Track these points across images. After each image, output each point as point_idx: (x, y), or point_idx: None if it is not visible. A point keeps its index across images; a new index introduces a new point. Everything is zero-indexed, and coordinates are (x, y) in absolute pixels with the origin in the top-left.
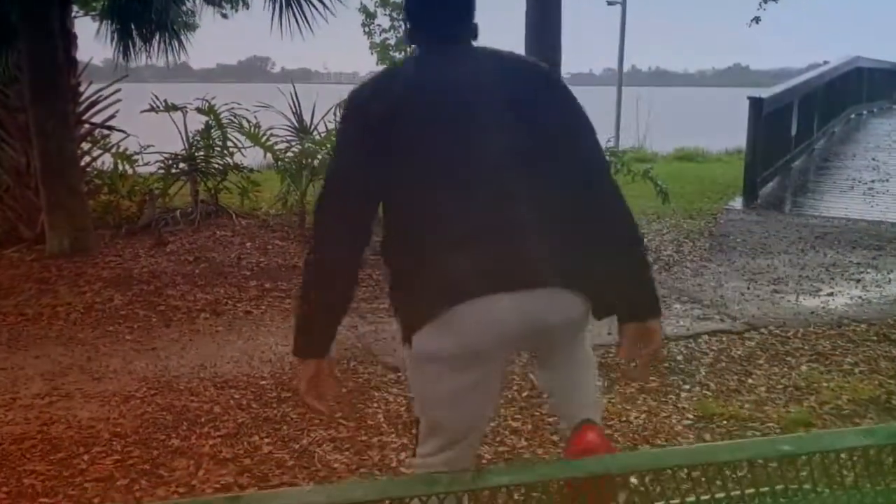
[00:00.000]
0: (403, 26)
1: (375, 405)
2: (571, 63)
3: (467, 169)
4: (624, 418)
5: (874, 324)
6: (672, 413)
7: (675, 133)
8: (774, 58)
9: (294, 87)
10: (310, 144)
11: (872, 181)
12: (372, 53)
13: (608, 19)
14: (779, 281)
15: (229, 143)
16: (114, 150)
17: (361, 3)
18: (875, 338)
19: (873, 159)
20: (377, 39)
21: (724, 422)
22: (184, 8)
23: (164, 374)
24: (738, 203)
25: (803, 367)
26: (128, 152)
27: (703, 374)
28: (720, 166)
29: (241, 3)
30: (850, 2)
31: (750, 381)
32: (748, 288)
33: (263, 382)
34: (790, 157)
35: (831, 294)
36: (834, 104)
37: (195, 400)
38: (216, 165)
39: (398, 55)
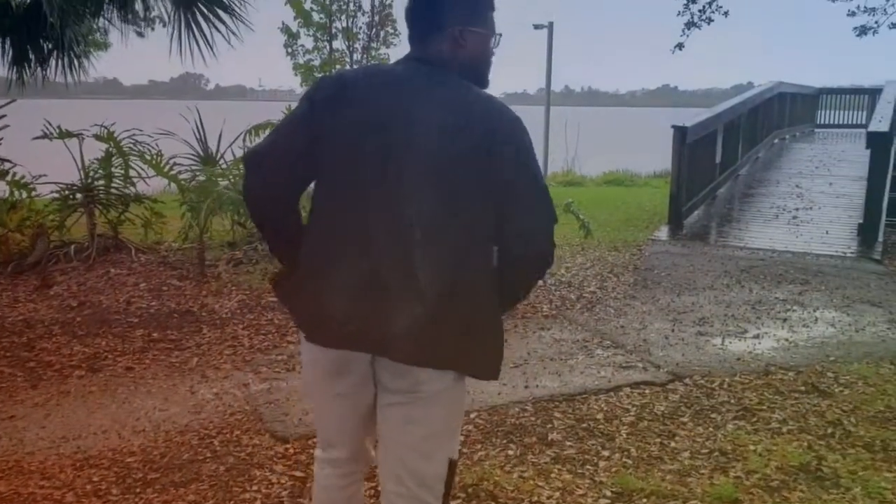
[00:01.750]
0: (328, 47)
1: (255, 488)
2: (507, 83)
3: (365, 213)
4: (535, 498)
5: (801, 371)
6: (588, 489)
7: (607, 153)
8: (701, 79)
9: (198, 111)
10: (210, 175)
11: (797, 209)
12: (296, 74)
13: (541, 41)
14: (704, 321)
15: (132, 172)
16: (9, 178)
17: (283, 24)
18: (803, 388)
19: (797, 186)
20: (301, 60)
21: (645, 500)
22: (94, 26)
23: (16, 449)
24: (663, 233)
25: (729, 427)
26: (23, 180)
27: (624, 436)
28: (648, 192)
29: (157, 22)
30: (771, 28)
31: (673, 444)
32: (673, 330)
33: (130, 460)
34: (715, 185)
35: (757, 336)
36: (758, 129)
37: (45, 485)
38: (116, 195)
39: None
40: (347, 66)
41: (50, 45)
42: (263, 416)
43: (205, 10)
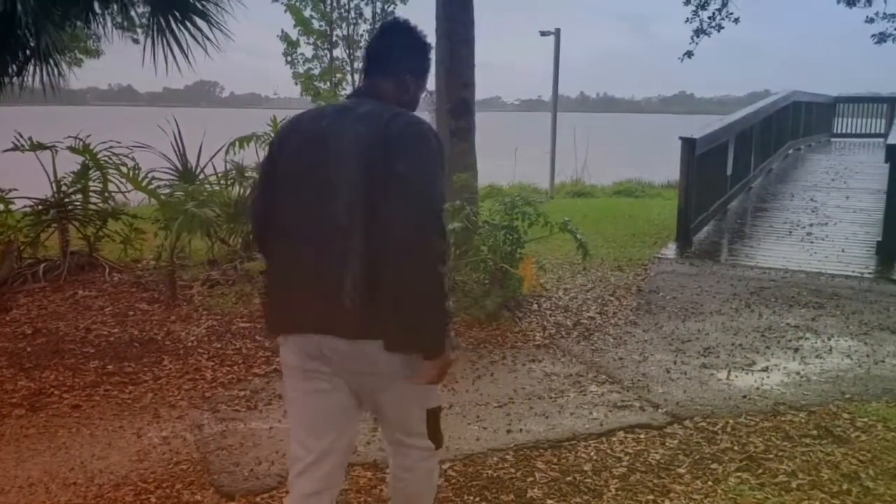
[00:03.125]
0: (328, 55)
1: None
2: (522, 90)
3: (303, 214)
4: None
5: (813, 411)
6: None
7: (619, 161)
8: (717, 86)
9: (177, 122)
10: (179, 192)
11: (811, 225)
12: (296, 83)
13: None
14: (709, 351)
15: (111, 186)
16: None
17: (283, 31)
18: (815, 432)
19: (812, 199)
20: (300, 69)
21: None
22: (85, 33)
23: None
24: (671, 251)
25: (731, 480)
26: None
27: (613, 491)
28: (659, 204)
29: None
30: (787, 35)
31: (667, 502)
32: (675, 362)
33: None
34: (726, 199)
35: (766, 369)
36: (771, 140)
37: None
38: (93, 210)
39: (323, 86)
40: (348, 75)
41: (27, 53)
42: (212, 465)
43: (179, 17)
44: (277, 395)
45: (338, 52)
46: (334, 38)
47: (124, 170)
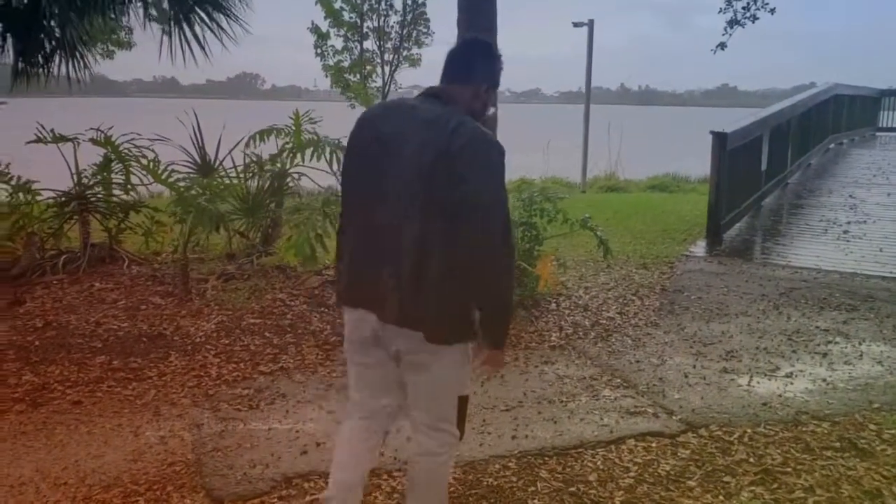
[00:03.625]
0: (358, 46)
1: None
2: (562, 82)
3: (377, 202)
4: None
5: (838, 422)
6: None
7: (657, 155)
8: (761, 80)
9: (196, 115)
10: (196, 187)
11: (848, 223)
12: (326, 76)
13: (599, 37)
14: (731, 355)
15: (134, 179)
16: (13, 182)
17: (313, 23)
18: (837, 444)
19: (850, 196)
20: (331, 62)
21: None
22: (118, 25)
23: None
24: (700, 248)
25: (744, 495)
26: (27, 184)
27: None
28: (692, 199)
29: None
30: (836, 27)
31: None
32: (694, 366)
33: None
34: (760, 195)
35: (790, 375)
36: (810, 134)
37: None
38: (115, 203)
39: (353, 78)
40: (378, 67)
41: (53, 44)
42: (205, 467)
43: (197, 10)
44: (281, 395)
45: (368, 45)
46: (364, 30)
47: (144, 162)
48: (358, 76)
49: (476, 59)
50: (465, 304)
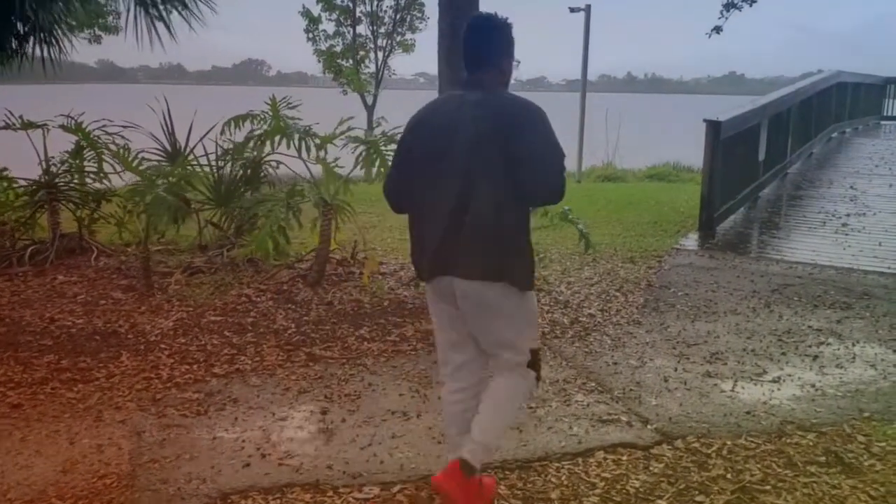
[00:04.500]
0: (351, 31)
1: None
2: (568, 70)
3: (442, 185)
4: None
5: (824, 433)
6: None
7: (659, 143)
8: (769, 67)
9: (166, 100)
10: (158, 175)
11: (848, 215)
12: (318, 61)
13: (606, 24)
14: (716, 357)
15: (107, 167)
16: None
17: (304, 7)
18: (822, 458)
19: (851, 187)
20: (322, 46)
21: None
22: (105, 9)
23: None
24: (691, 241)
25: None
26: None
27: None
28: (690, 189)
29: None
30: (845, 13)
31: None
32: (676, 369)
33: None
34: (757, 185)
35: (777, 380)
36: (812, 123)
37: None
38: (87, 192)
39: (345, 63)
40: (371, 53)
41: (27, 28)
42: (138, 480)
43: None
44: (233, 400)
45: (361, 29)
46: (358, 14)
47: (114, 149)
48: (350, 61)
49: (491, 43)
50: (526, 249)
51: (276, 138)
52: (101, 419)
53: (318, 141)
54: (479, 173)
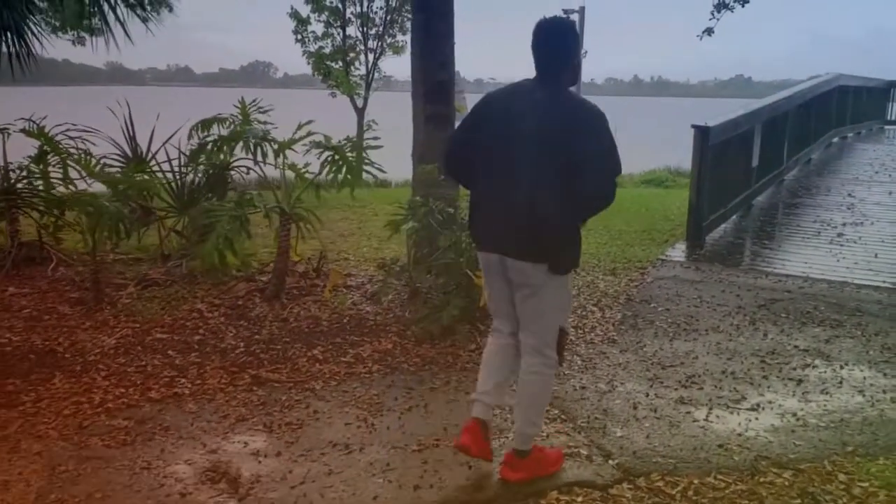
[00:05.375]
0: (341, 33)
1: None
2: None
3: (503, 165)
4: None
5: (802, 469)
6: None
7: (660, 147)
8: (776, 70)
9: (128, 104)
10: (114, 180)
11: (844, 224)
12: (307, 63)
13: (612, 27)
14: (692, 381)
15: (73, 173)
16: None
17: (292, 8)
18: (798, 500)
19: (849, 195)
20: (311, 48)
21: None
22: (88, 11)
23: None
24: (678, 252)
25: None
26: None
27: None
28: (684, 194)
29: (162, 6)
30: (855, 22)
31: None
32: (647, 394)
33: None
34: (750, 193)
35: (756, 408)
36: (811, 128)
37: None
38: (49, 198)
39: (335, 65)
40: (361, 55)
41: None
42: None
43: None
44: (164, 428)
45: (351, 31)
46: (348, 16)
47: (85, 154)
48: (340, 63)
49: (559, 49)
50: (573, 238)
51: (238, 143)
52: (17, 450)
53: (276, 146)
54: (539, 163)
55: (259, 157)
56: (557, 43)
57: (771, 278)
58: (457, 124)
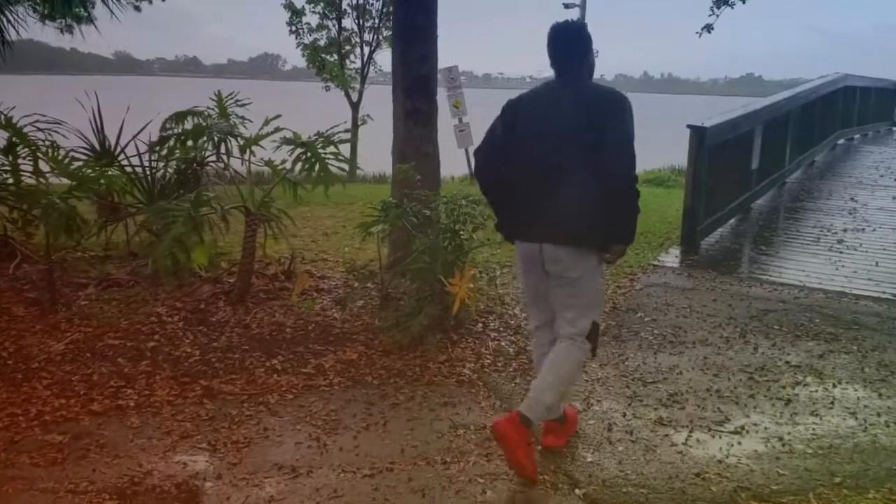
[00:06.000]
0: (336, 25)
1: None
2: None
3: (542, 160)
4: None
5: (784, 503)
6: None
7: (664, 146)
8: (787, 69)
9: (97, 96)
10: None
11: (845, 230)
12: (303, 55)
13: (622, 22)
14: (674, 400)
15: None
16: None
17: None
18: None
19: (852, 199)
20: (306, 40)
21: None
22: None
23: None
24: (671, 257)
25: None
26: None
27: None
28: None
29: None
30: (868, 22)
31: None
32: (624, 414)
33: None
34: (749, 196)
35: (740, 431)
36: (815, 129)
37: None
38: (16, 191)
39: (330, 58)
40: (357, 48)
41: None
42: None
43: None
44: (100, 445)
45: (347, 23)
46: (344, 7)
47: (54, 146)
48: (335, 56)
49: (574, 51)
50: (602, 223)
51: (202, 137)
52: None
53: (242, 142)
54: (572, 154)
55: (225, 153)
56: (571, 43)
57: (766, 287)
58: (455, 121)
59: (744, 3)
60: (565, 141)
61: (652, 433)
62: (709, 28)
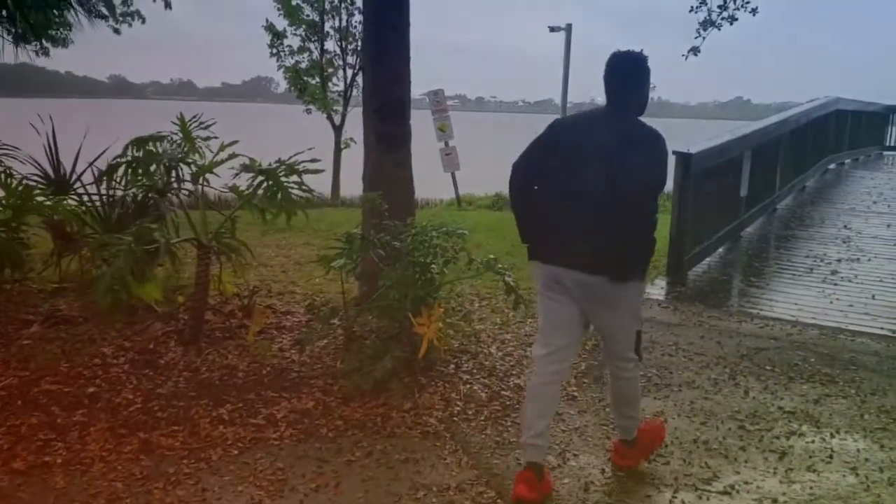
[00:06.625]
0: (318, 47)
1: None
2: (573, 92)
3: (580, 187)
4: None
5: None
6: None
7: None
8: (776, 92)
9: (52, 120)
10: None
11: (839, 260)
12: (285, 77)
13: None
14: (657, 453)
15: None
16: None
17: (268, 21)
18: None
19: (845, 227)
20: (288, 63)
21: None
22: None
23: None
24: (656, 289)
25: None
26: None
27: None
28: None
29: (135, 17)
30: (859, 45)
31: None
32: (603, 470)
33: None
34: (738, 224)
35: (729, 491)
36: (806, 153)
37: None
38: None
39: (312, 81)
40: (340, 71)
41: None
42: None
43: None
44: None
45: (329, 46)
46: (326, 29)
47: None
48: (318, 78)
49: (634, 83)
50: (641, 254)
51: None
52: None
53: (194, 169)
54: (615, 187)
55: (175, 180)
56: (628, 75)
57: (757, 322)
58: (441, 144)
59: (731, 24)
60: (612, 171)
61: (630, 493)
62: (695, 50)
